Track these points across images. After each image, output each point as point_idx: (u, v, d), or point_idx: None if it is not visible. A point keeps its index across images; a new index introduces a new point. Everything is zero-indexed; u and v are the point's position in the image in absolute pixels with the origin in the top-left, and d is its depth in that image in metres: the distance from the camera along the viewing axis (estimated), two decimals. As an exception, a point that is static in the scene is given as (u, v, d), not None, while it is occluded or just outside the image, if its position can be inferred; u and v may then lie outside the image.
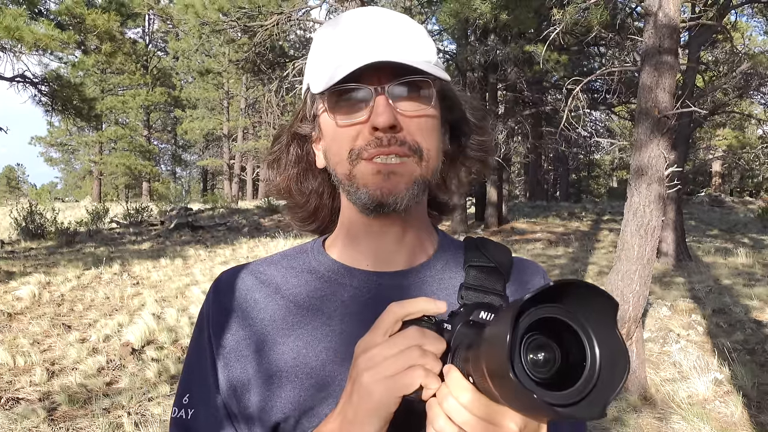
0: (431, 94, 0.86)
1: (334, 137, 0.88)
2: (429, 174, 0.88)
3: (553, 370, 0.63)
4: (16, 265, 11.40)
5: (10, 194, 51.86)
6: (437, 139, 0.89)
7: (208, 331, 0.92)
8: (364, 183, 0.85)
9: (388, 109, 0.82)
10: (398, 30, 0.87)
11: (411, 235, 0.94)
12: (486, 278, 0.92)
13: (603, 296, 0.62)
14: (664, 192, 5.20)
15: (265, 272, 0.96)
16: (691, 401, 5.15)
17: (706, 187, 37.19)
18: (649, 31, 5.26)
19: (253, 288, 0.94)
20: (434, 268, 0.95)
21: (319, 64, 0.90)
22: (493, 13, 13.27)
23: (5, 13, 12.29)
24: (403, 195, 0.85)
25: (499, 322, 0.61)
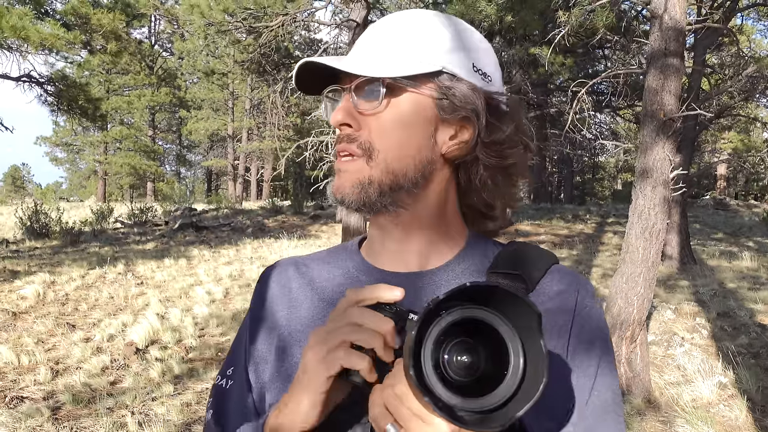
0: (380, 93, 0.84)
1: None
2: (385, 176, 0.85)
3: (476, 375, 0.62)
4: (21, 265, 11.42)
5: (16, 194, 52.03)
6: (404, 139, 0.85)
7: (251, 314, 0.99)
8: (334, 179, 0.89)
9: (343, 107, 0.87)
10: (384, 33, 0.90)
11: (417, 237, 0.92)
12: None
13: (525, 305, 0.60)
14: (669, 195, 5.19)
15: (305, 265, 1.01)
16: (696, 405, 5.14)
17: (711, 190, 37.12)
18: (654, 33, 5.26)
19: (291, 278, 0.99)
20: (452, 272, 0.92)
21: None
22: (498, 15, 13.28)
23: (11, 13, 12.33)
24: (348, 193, 0.85)
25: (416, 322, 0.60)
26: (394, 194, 0.86)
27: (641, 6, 10.41)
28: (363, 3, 12.63)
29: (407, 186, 0.87)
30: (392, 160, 0.85)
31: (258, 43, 14.96)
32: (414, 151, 0.86)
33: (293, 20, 14.06)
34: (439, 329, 0.60)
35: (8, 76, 14.39)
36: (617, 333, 5.26)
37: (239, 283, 10.35)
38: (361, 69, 0.84)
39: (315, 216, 21.95)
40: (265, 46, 14.92)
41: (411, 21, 0.89)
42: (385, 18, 0.92)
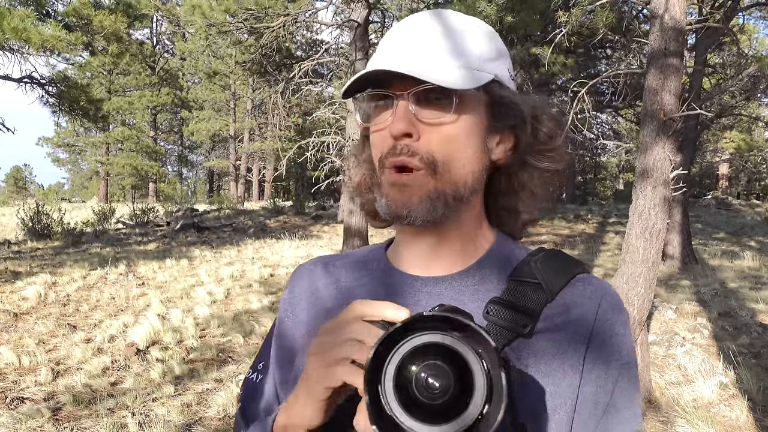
0: (452, 102, 0.83)
1: (372, 142, 0.90)
2: (449, 187, 0.84)
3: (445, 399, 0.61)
4: (23, 265, 11.44)
5: (18, 194, 52.10)
6: (465, 149, 0.85)
7: (281, 312, 1.01)
8: (385, 193, 0.86)
9: (404, 117, 0.82)
10: (435, 35, 0.86)
11: (450, 244, 0.92)
12: (522, 294, 0.85)
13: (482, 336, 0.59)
14: (670, 194, 5.19)
15: (334, 264, 1.03)
16: (696, 405, 5.13)
17: (713, 189, 37.08)
18: (654, 33, 5.25)
19: (319, 277, 1.01)
20: (473, 278, 0.91)
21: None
22: (499, 16, 13.28)
23: (13, 15, 12.35)
24: (416, 208, 0.83)
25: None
26: (457, 204, 0.86)
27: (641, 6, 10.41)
28: (364, 3, 12.64)
29: (467, 195, 0.87)
30: (455, 171, 0.85)
31: (259, 43, 14.98)
32: (474, 161, 0.87)
33: (294, 21, 14.07)
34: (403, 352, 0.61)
35: (10, 78, 14.41)
36: (618, 333, 5.26)
37: (240, 284, 10.35)
38: (435, 78, 0.80)
39: (317, 216, 21.97)
40: (266, 47, 14.93)
41: (456, 24, 0.88)
42: (421, 18, 0.89)
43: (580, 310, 0.85)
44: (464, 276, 0.91)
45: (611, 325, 0.85)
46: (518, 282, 0.87)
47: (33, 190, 56.84)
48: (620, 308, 0.87)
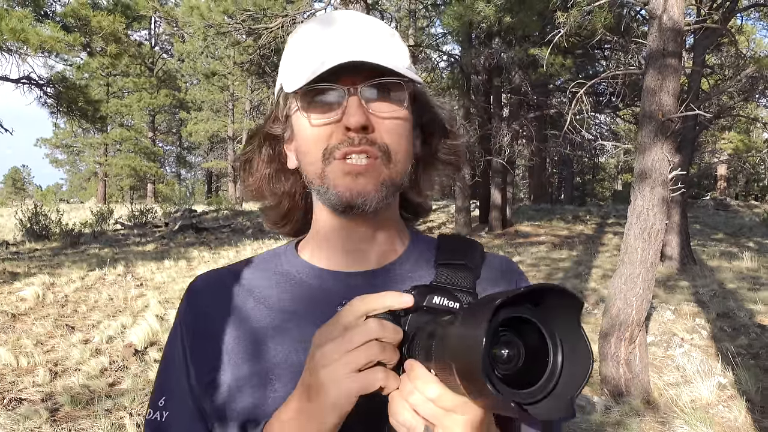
0: (404, 96, 0.88)
1: (308, 136, 0.88)
2: (397, 176, 0.88)
3: (516, 367, 0.64)
4: (21, 266, 11.43)
5: (16, 195, 52.06)
6: (408, 142, 0.91)
7: (182, 334, 0.92)
8: (335, 184, 0.86)
9: (361, 110, 0.84)
10: (373, 33, 0.89)
11: (382, 236, 0.95)
12: (455, 276, 0.92)
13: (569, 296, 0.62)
14: (668, 195, 5.19)
15: (239, 276, 0.97)
16: (695, 405, 5.13)
17: (712, 190, 37.10)
18: (653, 34, 5.26)
19: (228, 292, 0.94)
20: (404, 267, 0.96)
21: (293, 64, 0.91)
22: (497, 16, 13.29)
23: (11, 15, 12.34)
24: (372, 197, 0.85)
25: (471, 323, 0.61)
26: (395, 194, 0.91)
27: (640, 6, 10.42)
28: (362, 4, 12.63)
29: (403, 186, 0.92)
30: (402, 162, 0.89)
31: (257, 44, 14.96)
32: (411, 153, 0.92)
33: (293, 22, 14.06)
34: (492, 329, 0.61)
35: (8, 78, 14.40)
36: (616, 334, 5.26)
37: (239, 285, 10.33)
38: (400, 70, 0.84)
39: (315, 217, 21.94)
40: (264, 48, 14.91)
41: (385, 26, 0.92)
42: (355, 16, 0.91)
43: (503, 283, 0.98)
44: (397, 266, 0.95)
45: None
46: (447, 266, 0.93)
47: (31, 191, 56.80)
48: (527, 278, 1.03)
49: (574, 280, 10.70)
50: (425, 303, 0.74)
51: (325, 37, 0.88)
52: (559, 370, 0.63)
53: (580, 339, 0.63)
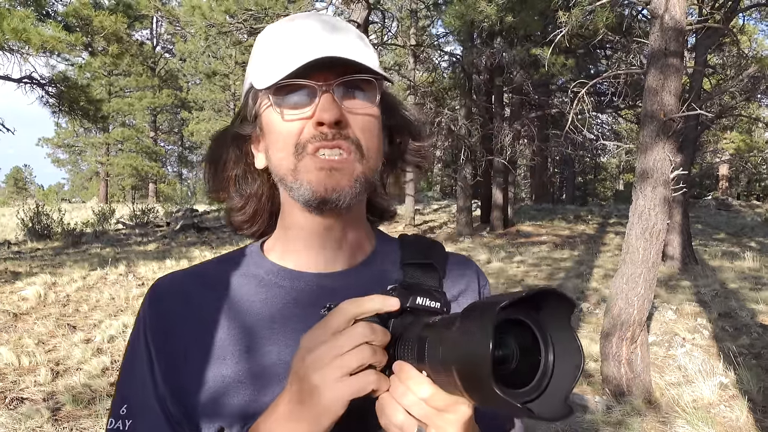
0: (375, 94, 0.89)
1: (279, 132, 0.87)
2: (370, 173, 0.89)
3: (510, 367, 0.65)
4: (23, 266, 11.44)
5: (18, 195, 52.11)
6: (379, 140, 0.91)
7: (146, 338, 0.89)
8: (308, 179, 0.85)
9: (334, 105, 0.84)
10: (343, 32, 0.89)
11: (352, 235, 0.95)
12: (423, 275, 0.93)
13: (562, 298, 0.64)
14: (670, 195, 5.18)
15: (204, 277, 0.95)
16: (696, 405, 5.12)
17: (713, 190, 37.06)
18: (655, 33, 5.25)
19: (193, 293, 0.92)
20: (373, 267, 0.96)
21: (263, 61, 0.90)
22: (499, 16, 13.28)
23: (13, 15, 12.34)
24: (346, 192, 0.85)
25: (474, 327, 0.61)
26: (368, 190, 0.92)
27: (641, 6, 10.41)
28: (364, 3, 12.65)
29: (375, 184, 0.94)
30: (374, 158, 0.90)
31: (259, 44, 14.96)
32: (381, 151, 0.93)
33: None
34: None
35: (10, 78, 14.41)
36: (618, 333, 5.25)
37: (240, 284, 10.34)
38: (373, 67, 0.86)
39: (316, 217, 21.94)
40: (266, 48, 14.92)
41: (352, 27, 0.93)
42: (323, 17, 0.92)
43: (466, 280, 1.01)
44: (366, 266, 0.96)
45: (485, 286, 1.05)
46: (413, 266, 0.95)
47: (33, 191, 56.87)
48: (485, 275, 1.07)
49: (575, 279, 10.69)
50: (408, 304, 0.76)
51: (296, 35, 0.88)
52: (551, 369, 0.65)
53: (571, 338, 0.65)
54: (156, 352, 0.88)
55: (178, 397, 0.86)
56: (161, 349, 0.88)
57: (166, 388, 0.86)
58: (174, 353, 0.87)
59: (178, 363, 0.87)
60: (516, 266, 12.43)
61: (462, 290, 1.00)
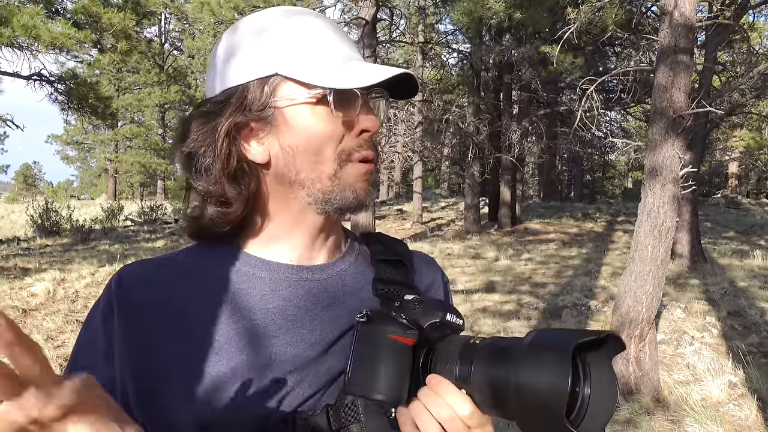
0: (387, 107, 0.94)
1: (316, 135, 0.85)
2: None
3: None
4: (32, 262, 11.50)
5: (27, 192, 52.36)
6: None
7: (110, 320, 0.85)
8: (352, 184, 0.87)
9: (373, 113, 0.88)
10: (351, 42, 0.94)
11: (334, 233, 0.97)
12: (394, 271, 0.98)
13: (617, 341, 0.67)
14: (679, 193, 5.16)
15: (175, 265, 0.92)
16: (705, 404, 5.10)
17: (723, 188, 36.87)
18: (664, 30, 5.22)
19: (165, 278, 0.89)
20: (348, 263, 0.98)
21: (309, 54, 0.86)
22: (507, 12, 13.24)
23: (23, 12, 12.39)
24: (368, 198, 0.91)
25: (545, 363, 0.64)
26: None
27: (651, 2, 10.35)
28: (372, 0, 12.62)
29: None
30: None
31: (267, 41, 14.96)
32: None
33: (302, 18, 14.06)
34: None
35: (19, 75, 14.47)
36: (626, 331, 5.23)
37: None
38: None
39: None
40: (274, 45, 14.92)
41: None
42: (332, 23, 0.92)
43: (431, 276, 1.06)
44: (342, 262, 0.97)
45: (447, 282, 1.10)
46: (385, 261, 0.99)
47: (42, 188, 57.14)
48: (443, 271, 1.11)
49: (583, 277, 10.66)
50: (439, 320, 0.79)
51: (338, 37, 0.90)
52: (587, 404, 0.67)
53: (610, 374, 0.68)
54: (123, 334, 0.84)
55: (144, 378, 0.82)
56: (129, 331, 0.84)
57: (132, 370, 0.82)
58: (144, 336, 0.84)
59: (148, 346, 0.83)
60: (524, 264, 12.41)
61: (428, 285, 1.04)
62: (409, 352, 0.78)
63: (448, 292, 1.10)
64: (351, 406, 0.82)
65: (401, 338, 0.78)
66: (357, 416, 0.81)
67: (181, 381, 0.82)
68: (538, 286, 10.10)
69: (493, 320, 7.82)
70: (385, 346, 0.78)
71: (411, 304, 0.81)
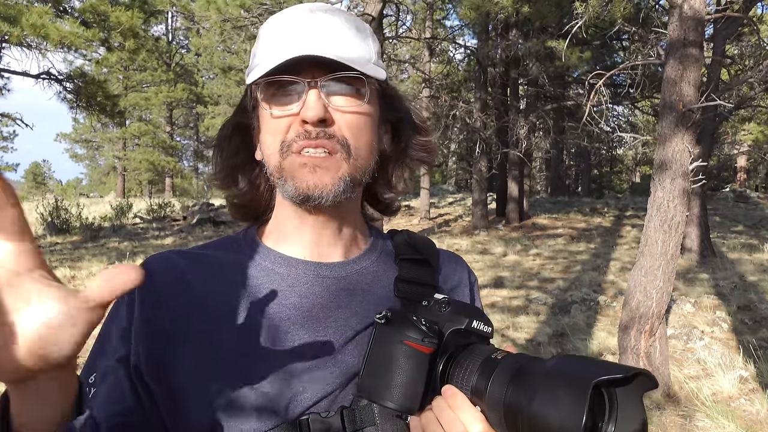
0: (365, 91, 0.87)
1: (268, 128, 0.89)
2: (357, 172, 0.89)
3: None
4: (42, 260, 11.55)
5: (37, 190, 52.62)
6: (370, 137, 0.91)
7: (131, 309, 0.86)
8: (292, 176, 0.86)
9: (319, 103, 0.84)
10: (339, 27, 0.88)
11: (346, 230, 0.96)
12: (418, 270, 0.97)
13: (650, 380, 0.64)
14: (689, 187, 5.14)
15: (198, 258, 0.94)
16: (716, 399, 5.09)
17: (731, 182, 36.67)
18: (673, 23, 5.19)
19: (186, 271, 0.90)
20: (369, 261, 0.97)
21: (258, 54, 0.90)
22: (515, 7, 13.19)
23: (31, 11, 12.45)
24: (329, 189, 0.86)
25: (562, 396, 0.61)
26: (358, 189, 0.92)
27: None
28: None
29: (364, 181, 0.93)
30: (363, 157, 0.90)
31: (274, 38, 14.96)
32: (374, 149, 0.93)
33: (309, 15, 14.04)
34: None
35: (28, 74, 14.54)
36: (636, 327, 5.23)
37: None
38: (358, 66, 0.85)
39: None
40: (281, 42, 14.92)
41: (352, 20, 0.91)
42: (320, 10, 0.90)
43: (458, 275, 1.05)
44: (362, 260, 0.97)
45: (474, 282, 1.08)
46: (409, 261, 0.98)
47: (52, 186, 57.41)
48: (473, 271, 1.10)
49: (592, 272, 10.64)
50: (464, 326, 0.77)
51: (291, 29, 0.88)
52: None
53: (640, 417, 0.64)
54: (143, 323, 0.85)
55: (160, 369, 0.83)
56: (150, 321, 0.85)
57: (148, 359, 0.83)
58: (164, 327, 0.85)
59: (166, 336, 0.85)
60: (532, 259, 12.39)
61: (454, 286, 1.03)
62: (426, 361, 0.76)
63: (475, 292, 1.08)
64: (367, 409, 0.81)
65: (419, 346, 0.75)
66: (372, 419, 0.81)
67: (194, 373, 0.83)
68: (547, 282, 10.09)
69: (501, 316, 7.82)
70: (402, 353, 0.76)
71: (438, 306, 0.80)
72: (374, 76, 0.88)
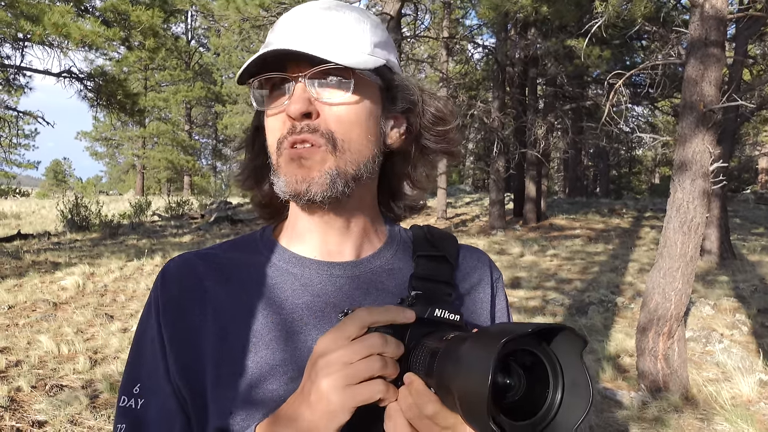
0: (351, 83, 0.85)
1: (268, 127, 0.89)
2: (347, 165, 0.86)
3: (515, 396, 0.65)
4: (62, 256, 11.69)
5: (57, 187, 53.22)
6: (363, 130, 0.88)
7: (157, 318, 0.89)
8: (284, 172, 0.86)
9: (302, 97, 0.83)
10: (329, 20, 0.87)
11: (357, 227, 0.94)
12: (435, 268, 0.93)
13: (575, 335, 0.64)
14: (709, 188, 5.08)
15: (215, 259, 0.95)
16: (735, 402, 5.03)
17: (752, 184, 36.23)
18: (695, 23, 5.14)
19: (203, 275, 0.92)
20: (383, 259, 0.96)
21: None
22: (534, 6, 13.13)
23: (53, 11, 12.58)
24: (316, 183, 0.84)
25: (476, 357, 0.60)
26: (356, 185, 0.88)
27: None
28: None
29: (366, 177, 0.89)
30: (354, 150, 0.87)
31: (292, 37, 14.99)
32: (372, 143, 0.89)
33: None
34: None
35: (50, 72, 14.69)
36: (654, 328, 5.18)
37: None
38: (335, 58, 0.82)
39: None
40: (299, 41, 14.95)
41: (348, 13, 0.89)
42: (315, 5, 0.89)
43: (479, 272, 1.02)
44: (376, 258, 0.95)
45: (498, 279, 1.04)
46: (426, 257, 0.94)
47: (72, 183, 58.03)
48: (497, 268, 1.06)
49: (610, 273, 10.56)
50: (426, 315, 0.75)
51: (281, 27, 0.88)
52: (558, 403, 0.64)
53: (582, 373, 0.64)
54: (168, 332, 0.87)
55: (188, 377, 0.86)
56: (173, 329, 0.88)
57: (177, 367, 0.86)
58: (186, 334, 0.87)
59: (189, 343, 0.87)
60: (549, 260, 12.32)
61: (474, 284, 1.00)
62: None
63: (499, 289, 1.04)
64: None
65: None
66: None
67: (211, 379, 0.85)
68: (564, 282, 10.03)
69: (518, 316, 7.79)
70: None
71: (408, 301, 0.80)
72: (364, 67, 0.85)
